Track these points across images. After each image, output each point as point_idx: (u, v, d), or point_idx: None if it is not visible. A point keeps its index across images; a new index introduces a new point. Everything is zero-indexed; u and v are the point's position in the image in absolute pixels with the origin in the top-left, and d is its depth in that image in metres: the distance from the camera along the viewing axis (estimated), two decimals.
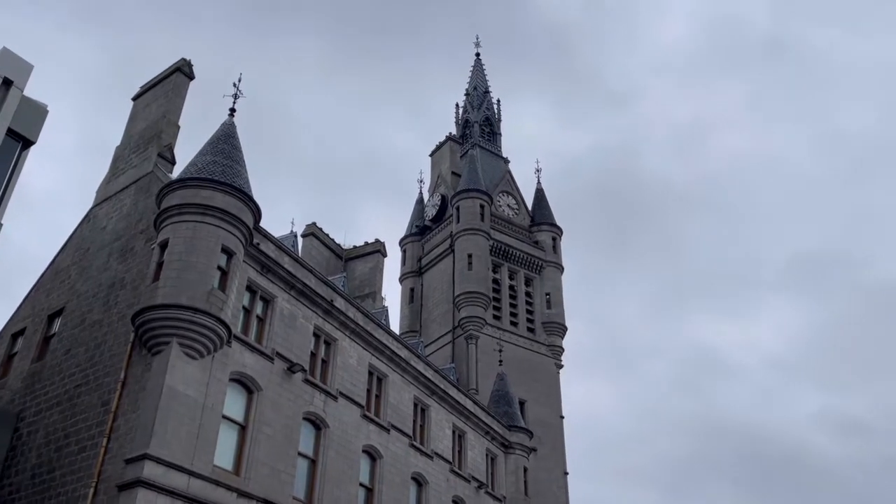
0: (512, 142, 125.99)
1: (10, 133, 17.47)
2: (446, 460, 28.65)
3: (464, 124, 54.19)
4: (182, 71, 25.28)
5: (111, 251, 22.61)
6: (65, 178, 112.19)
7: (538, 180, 49.93)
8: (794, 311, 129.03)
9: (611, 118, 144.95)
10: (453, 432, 29.97)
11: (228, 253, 19.86)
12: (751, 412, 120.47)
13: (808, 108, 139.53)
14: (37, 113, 18.32)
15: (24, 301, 24.85)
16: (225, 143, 22.05)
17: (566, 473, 38.62)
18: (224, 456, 18.82)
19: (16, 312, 24.76)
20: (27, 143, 18.05)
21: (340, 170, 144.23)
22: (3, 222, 17.53)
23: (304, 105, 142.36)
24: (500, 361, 37.72)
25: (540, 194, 49.07)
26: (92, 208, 25.23)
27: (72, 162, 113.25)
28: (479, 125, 52.82)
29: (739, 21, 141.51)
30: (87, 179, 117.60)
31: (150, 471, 16.47)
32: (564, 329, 42.88)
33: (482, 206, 43.40)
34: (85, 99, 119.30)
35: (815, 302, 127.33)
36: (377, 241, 36.75)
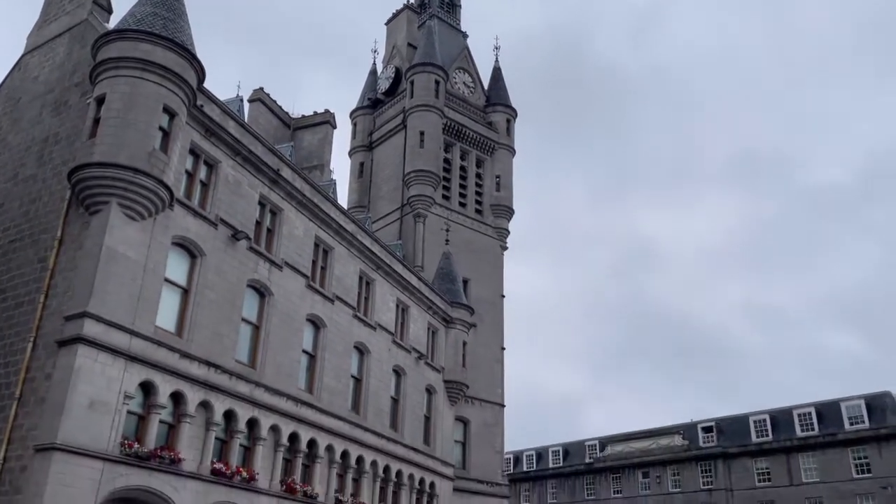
0: (468, 15, 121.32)
1: None
2: (389, 332, 29.49)
3: None
4: None
5: (44, 103, 21.44)
6: None
7: (496, 58, 48.56)
8: (730, 205, 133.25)
9: None
10: (397, 306, 30.67)
11: (170, 113, 19.04)
12: (681, 301, 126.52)
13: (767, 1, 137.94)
14: None
15: None
16: None
17: (503, 349, 40.30)
18: (166, 318, 18.89)
19: None
20: None
21: (288, 32, 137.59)
22: None
23: None
24: (447, 241, 38.21)
25: (497, 73, 47.86)
26: (23, 56, 23.63)
27: None
28: None
29: None
30: (16, 23, 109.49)
31: (90, 328, 16.46)
32: (511, 212, 43.31)
33: (437, 83, 42.25)
34: None
35: (751, 198, 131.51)
36: (327, 111, 35.68)
